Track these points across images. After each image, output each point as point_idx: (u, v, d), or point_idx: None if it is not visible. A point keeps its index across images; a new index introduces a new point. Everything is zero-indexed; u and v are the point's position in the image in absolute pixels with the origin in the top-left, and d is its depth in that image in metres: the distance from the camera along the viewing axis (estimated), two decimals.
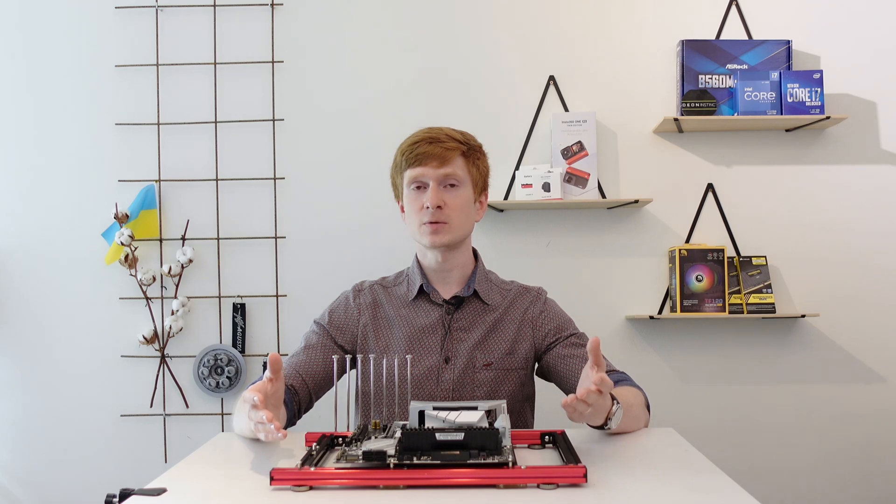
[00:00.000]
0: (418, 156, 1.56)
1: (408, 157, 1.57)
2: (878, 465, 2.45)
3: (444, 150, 1.56)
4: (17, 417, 2.48)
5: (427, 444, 1.09)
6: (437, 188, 1.55)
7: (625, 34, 2.48)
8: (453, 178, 1.57)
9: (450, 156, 1.57)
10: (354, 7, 2.49)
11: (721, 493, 1.02)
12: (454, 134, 1.60)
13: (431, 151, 1.55)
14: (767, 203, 2.46)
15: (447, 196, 1.56)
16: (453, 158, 1.57)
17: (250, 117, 2.49)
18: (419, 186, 1.58)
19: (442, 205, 1.55)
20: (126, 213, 2.43)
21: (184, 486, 1.09)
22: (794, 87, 2.36)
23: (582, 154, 2.42)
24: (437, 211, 1.54)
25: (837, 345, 2.45)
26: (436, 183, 1.55)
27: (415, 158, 1.56)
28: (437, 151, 1.55)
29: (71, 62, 2.49)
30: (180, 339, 2.48)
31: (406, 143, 1.60)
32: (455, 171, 1.57)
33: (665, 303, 2.47)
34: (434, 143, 1.56)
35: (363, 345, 1.63)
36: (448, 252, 1.60)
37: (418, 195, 1.58)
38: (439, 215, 1.55)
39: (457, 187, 1.58)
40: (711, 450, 1.45)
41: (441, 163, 1.55)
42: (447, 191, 1.57)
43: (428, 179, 1.56)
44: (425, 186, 1.57)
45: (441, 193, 1.56)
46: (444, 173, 1.56)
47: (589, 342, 1.20)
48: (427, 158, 1.55)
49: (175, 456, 2.43)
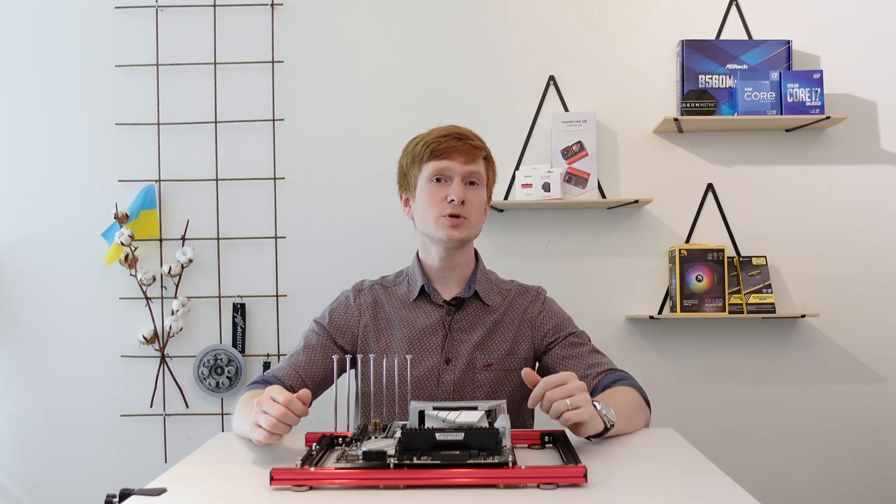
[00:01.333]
0: (446, 149, 1.56)
1: (433, 148, 1.56)
2: (878, 465, 2.45)
3: (472, 147, 1.57)
4: (17, 417, 2.48)
5: (427, 444, 1.09)
6: (462, 183, 1.56)
7: (625, 34, 2.48)
8: (476, 176, 1.58)
9: (477, 154, 1.58)
10: (354, 7, 2.49)
11: (721, 493, 1.02)
12: (477, 135, 1.62)
13: (460, 147, 1.56)
14: (767, 203, 2.46)
15: (469, 193, 1.57)
16: (479, 158, 1.59)
17: (250, 117, 2.49)
18: (440, 179, 1.57)
19: (465, 200, 1.55)
20: (126, 213, 2.43)
21: (184, 486, 1.09)
22: (794, 87, 2.36)
23: (582, 154, 2.42)
24: (460, 206, 1.54)
25: (837, 345, 2.45)
26: (460, 178, 1.56)
27: (442, 151, 1.56)
28: (466, 148, 1.56)
29: (71, 62, 2.49)
30: (180, 339, 2.48)
31: (431, 136, 1.59)
32: (479, 170, 1.58)
33: (665, 303, 2.47)
34: (463, 140, 1.57)
35: (363, 345, 1.63)
36: (454, 250, 1.60)
37: (440, 188, 1.57)
38: (461, 210, 1.55)
39: (477, 186, 1.59)
40: (711, 450, 1.45)
41: (468, 159, 1.56)
42: (469, 188, 1.57)
43: (454, 174, 1.56)
44: (448, 180, 1.57)
45: (464, 189, 1.56)
46: (470, 170, 1.57)
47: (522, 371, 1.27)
48: (455, 153, 1.56)
49: (175, 456, 2.43)
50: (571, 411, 1.21)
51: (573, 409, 1.21)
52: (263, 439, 1.23)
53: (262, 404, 1.24)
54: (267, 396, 1.24)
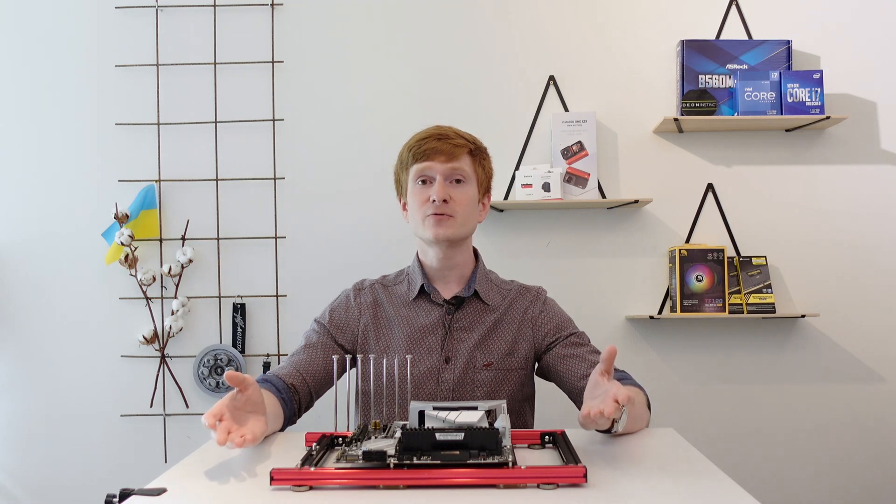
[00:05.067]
0: (426, 151, 1.56)
1: (415, 152, 1.58)
2: (878, 465, 2.45)
3: (452, 146, 1.57)
4: (18, 417, 2.48)
5: (427, 444, 1.09)
6: (444, 182, 1.56)
7: (625, 34, 2.48)
8: (460, 172, 1.58)
9: (458, 152, 1.58)
10: (354, 7, 2.49)
11: (721, 493, 1.02)
12: (462, 133, 1.62)
13: (440, 147, 1.56)
14: (767, 203, 2.46)
15: (453, 191, 1.57)
16: (461, 155, 1.58)
17: (250, 117, 2.49)
18: (425, 181, 1.58)
19: (448, 199, 1.55)
20: (126, 213, 2.43)
21: (184, 486, 1.08)
22: (794, 87, 2.36)
23: (582, 154, 2.42)
24: (442, 204, 1.55)
25: (837, 345, 2.45)
26: (442, 177, 1.56)
27: (422, 154, 1.57)
28: (446, 147, 1.56)
29: (71, 62, 2.49)
30: (180, 339, 2.48)
31: (413, 140, 1.60)
32: (462, 167, 1.58)
33: (665, 303, 2.47)
34: (442, 140, 1.57)
35: (363, 344, 1.63)
36: (449, 249, 1.60)
37: (423, 189, 1.58)
38: (444, 208, 1.55)
39: (463, 183, 1.58)
40: (711, 450, 1.45)
41: (448, 158, 1.56)
42: (453, 186, 1.57)
43: (434, 174, 1.57)
44: (431, 181, 1.57)
45: (447, 188, 1.56)
46: (452, 167, 1.57)
47: (606, 351, 1.21)
48: (435, 154, 1.56)
49: (175, 456, 2.43)
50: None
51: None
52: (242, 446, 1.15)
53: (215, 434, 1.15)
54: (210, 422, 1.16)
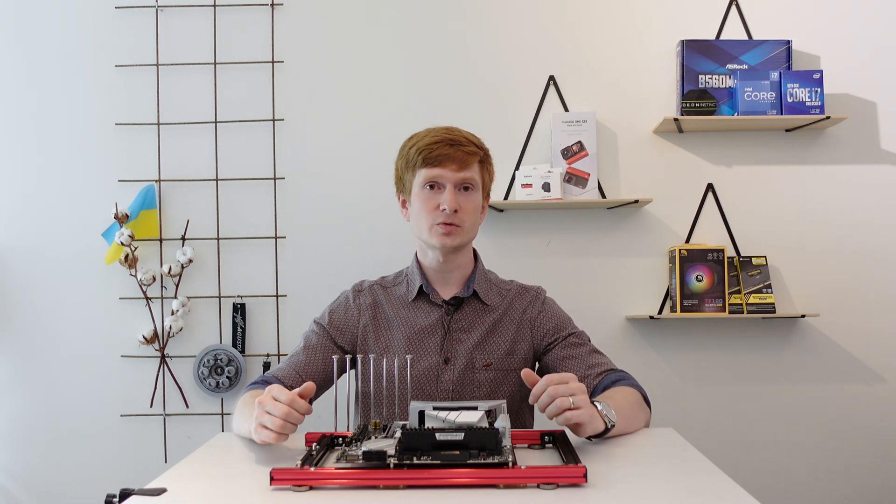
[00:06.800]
0: (438, 157, 1.54)
1: (426, 156, 1.55)
2: (878, 465, 2.45)
3: (465, 154, 1.55)
4: (17, 417, 2.48)
5: (427, 444, 1.09)
6: (454, 191, 1.55)
7: (625, 34, 2.48)
8: (470, 182, 1.57)
9: (470, 161, 1.56)
10: (354, 7, 2.49)
11: (721, 493, 1.02)
12: (472, 138, 1.60)
13: (452, 155, 1.54)
14: (767, 203, 2.46)
15: (462, 200, 1.56)
16: (472, 163, 1.57)
17: (250, 117, 2.49)
18: (434, 186, 1.57)
19: (458, 208, 1.54)
20: (126, 213, 2.43)
21: (184, 486, 1.09)
22: (794, 87, 2.36)
23: (582, 154, 2.42)
24: (452, 214, 1.54)
25: (837, 345, 2.45)
26: (452, 185, 1.55)
27: (434, 160, 1.54)
28: (459, 155, 1.55)
29: (71, 62, 2.49)
30: (180, 339, 2.48)
31: (423, 142, 1.57)
32: (472, 176, 1.57)
33: (665, 303, 2.47)
34: (455, 147, 1.55)
35: (363, 345, 1.63)
36: (451, 253, 1.60)
37: (432, 195, 1.56)
38: (454, 218, 1.54)
39: (471, 191, 1.58)
40: (711, 450, 1.45)
41: (460, 167, 1.55)
42: (462, 194, 1.56)
43: (446, 181, 1.55)
44: (441, 187, 1.56)
45: (457, 197, 1.55)
46: (463, 177, 1.55)
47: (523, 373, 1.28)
48: (447, 161, 1.54)
49: (175, 456, 2.43)
50: (573, 410, 1.21)
51: (574, 408, 1.21)
52: (271, 440, 1.22)
53: (265, 405, 1.23)
54: (269, 396, 1.24)
